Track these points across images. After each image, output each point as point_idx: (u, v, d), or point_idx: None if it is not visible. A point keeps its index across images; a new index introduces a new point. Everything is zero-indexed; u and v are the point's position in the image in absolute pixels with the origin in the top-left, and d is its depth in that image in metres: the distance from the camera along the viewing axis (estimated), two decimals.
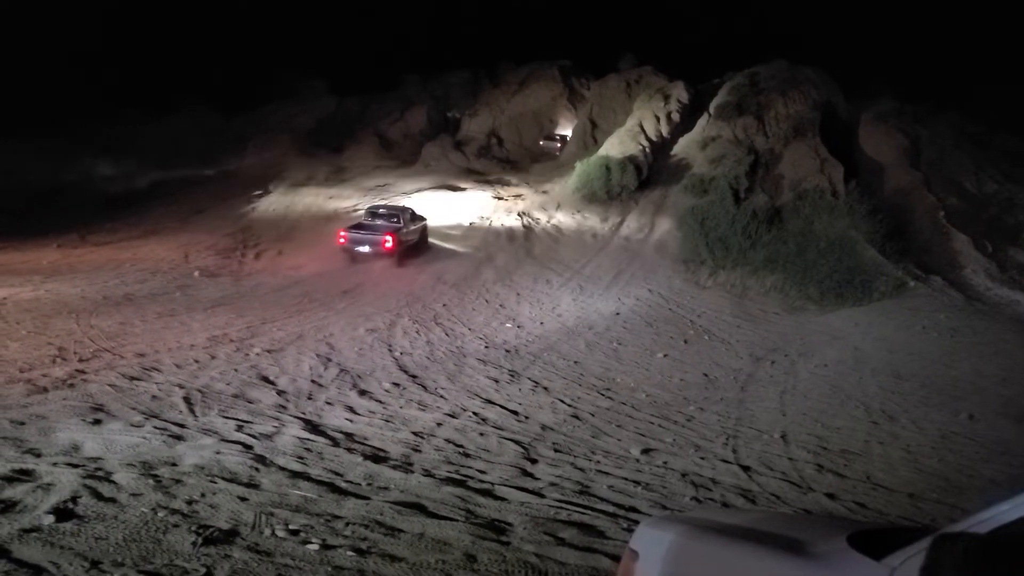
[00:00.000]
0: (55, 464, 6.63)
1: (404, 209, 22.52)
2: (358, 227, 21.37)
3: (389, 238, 20.31)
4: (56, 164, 27.72)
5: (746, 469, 8.36)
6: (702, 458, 8.65)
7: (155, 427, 8.10)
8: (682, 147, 29.10)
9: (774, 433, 9.84)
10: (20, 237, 20.63)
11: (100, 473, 6.47)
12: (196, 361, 11.23)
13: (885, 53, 32.90)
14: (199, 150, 32.98)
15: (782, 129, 28.10)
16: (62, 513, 5.54)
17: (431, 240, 22.98)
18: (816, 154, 25.92)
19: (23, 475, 6.28)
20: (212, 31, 37.27)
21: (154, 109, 34.17)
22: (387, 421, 9.26)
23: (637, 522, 5.57)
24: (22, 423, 7.84)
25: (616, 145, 28.51)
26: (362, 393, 10.46)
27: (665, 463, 8.37)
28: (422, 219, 22.97)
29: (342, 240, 20.78)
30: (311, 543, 5.41)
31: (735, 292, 19.81)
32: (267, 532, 5.55)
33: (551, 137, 36.28)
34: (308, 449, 7.81)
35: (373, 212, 22.28)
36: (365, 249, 20.51)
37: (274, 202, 27.34)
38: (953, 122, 28.81)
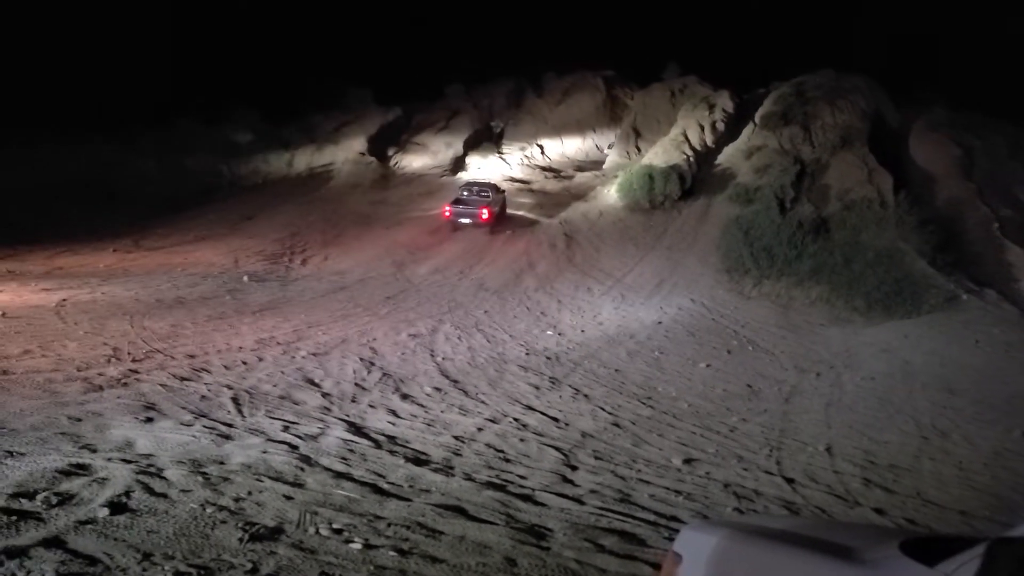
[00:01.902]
0: (110, 459, 6.82)
1: (492, 185, 27.20)
2: (457, 202, 25.46)
3: (485, 211, 24.63)
4: (110, 168, 28.49)
5: (790, 481, 8.24)
6: (745, 469, 8.55)
7: (204, 426, 8.29)
8: (727, 156, 28.82)
9: (819, 446, 9.67)
10: (78, 241, 21.28)
11: (152, 469, 6.64)
12: (244, 363, 11.45)
13: (937, 62, 32.20)
14: (249, 158, 33.66)
15: (829, 139, 27.66)
16: (116, 506, 5.70)
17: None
18: (864, 164, 25.45)
19: (80, 469, 6.47)
20: (262, 41, 38.12)
21: (207, 117, 34.94)
22: (429, 425, 9.34)
23: (679, 531, 5.54)
24: (79, 419, 8.08)
25: (660, 154, 28.36)
26: (404, 397, 10.56)
27: (707, 473, 8.29)
28: (503, 191, 27.40)
29: (447, 215, 24.86)
30: (354, 542, 5.49)
31: (780, 303, 19.53)
32: (311, 530, 5.64)
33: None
34: (351, 450, 7.92)
35: (467, 189, 26.58)
36: (467, 220, 24.63)
37: (319, 209, 27.78)
38: (1007, 132, 28.03)
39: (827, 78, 32.09)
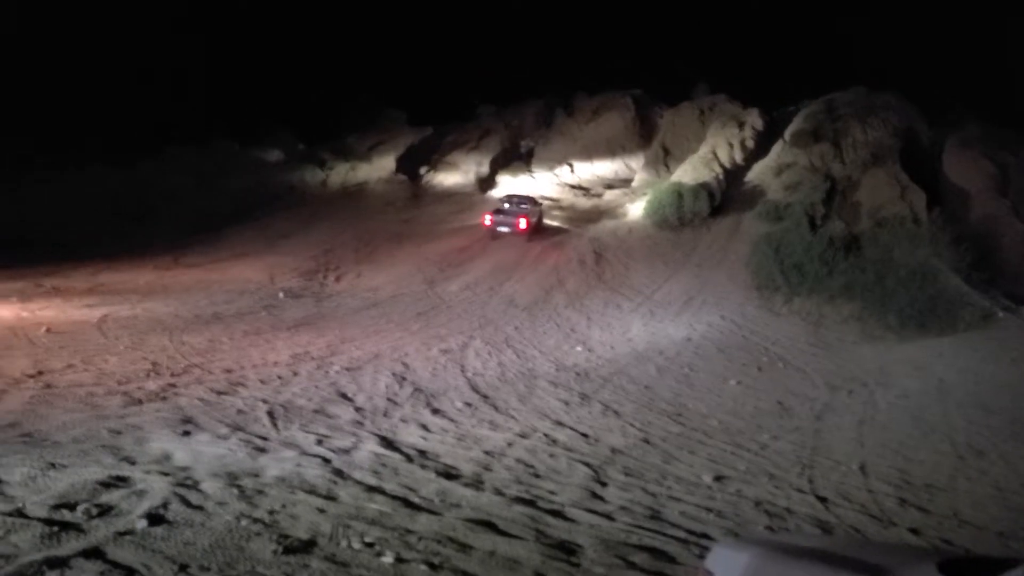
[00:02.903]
0: (148, 472, 7.00)
1: (530, 198, 28.43)
2: (497, 212, 26.41)
3: (523, 220, 25.62)
4: (149, 187, 29.20)
5: (823, 500, 8.17)
6: (776, 487, 8.49)
7: (240, 440, 8.46)
8: (756, 174, 28.67)
9: (852, 464, 9.56)
10: (119, 259, 21.77)
11: (189, 482, 6.81)
12: (279, 377, 11.65)
13: (970, 79, 31.78)
14: (285, 176, 34.27)
15: (860, 156, 27.40)
16: (154, 518, 5.86)
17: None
18: (896, 181, 25.15)
19: (119, 481, 6.66)
20: (298, 64, 38.81)
21: (244, 137, 35.65)
22: (459, 439, 9.42)
23: (710, 549, 5.53)
24: (119, 432, 8.30)
25: (689, 172, 28.31)
26: (435, 412, 10.66)
27: (738, 491, 8.25)
28: (540, 204, 28.39)
29: (488, 223, 25.80)
30: (385, 556, 5.58)
31: (811, 320, 19.33)
32: (344, 544, 5.74)
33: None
34: (383, 464, 8.02)
35: (507, 200, 27.88)
36: (505, 229, 25.55)
37: (353, 226, 28.16)
38: None
39: (858, 95, 31.84)
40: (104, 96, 31.07)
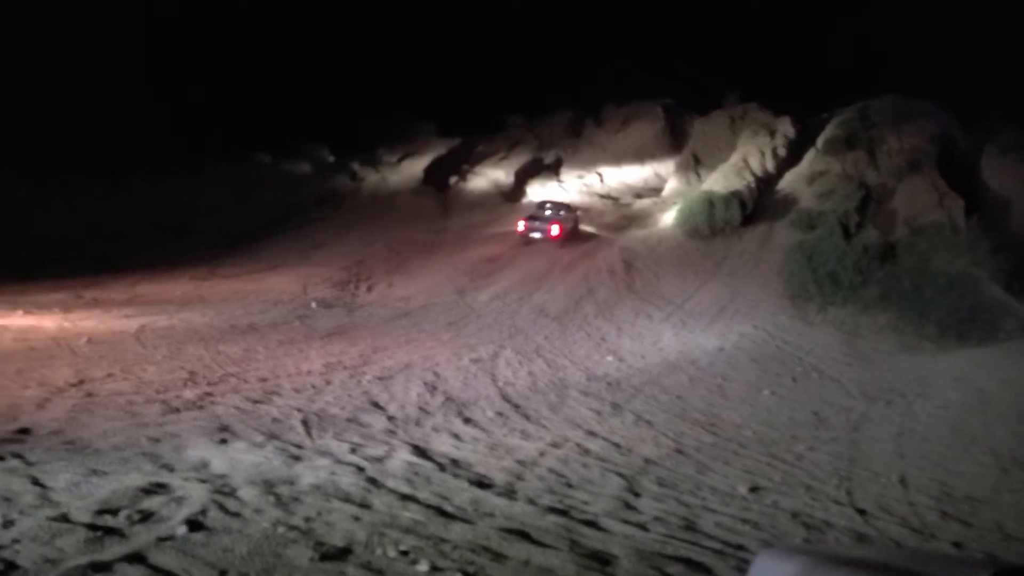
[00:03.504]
0: (187, 479, 7.12)
1: (564, 204, 28.90)
2: (531, 218, 26.87)
3: (555, 227, 26.08)
4: (185, 200, 29.80)
5: (862, 512, 8.02)
6: (813, 499, 8.37)
7: (275, 448, 8.55)
8: (788, 182, 28.43)
9: (891, 476, 9.39)
10: (156, 270, 22.21)
11: (226, 489, 6.90)
12: (313, 386, 11.76)
13: (1007, 84, 31.18)
14: (316, 188, 34.74)
15: (895, 163, 27.04)
16: (193, 524, 5.96)
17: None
18: (934, 188, 24.78)
19: (159, 488, 6.79)
20: (329, 76, 39.32)
21: (277, 150, 36.23)
22: (491, 449, 9.41)
23: (746, 561, 5.48)
24: (158, 440, 8.44)
25: (720, 180, 28.16)
26: (467, 421, 10.67)
27: (774, 502, 8.14)
28: (576, 211, 28.79)
29: (521, 229, 26.35)
30: (420, 564, 5.60)
31: (846, 329, 19.06)
32: (379, 552, 5.77)
33: None
34: (416, 473, 8.05)
35: (541, 206, 28.38)
36: (538, 235, 26.02)
37: (383, 237, 28.42)
38: None
39: (892, 102, 31.46)
40: (142, 111, 31.83)
